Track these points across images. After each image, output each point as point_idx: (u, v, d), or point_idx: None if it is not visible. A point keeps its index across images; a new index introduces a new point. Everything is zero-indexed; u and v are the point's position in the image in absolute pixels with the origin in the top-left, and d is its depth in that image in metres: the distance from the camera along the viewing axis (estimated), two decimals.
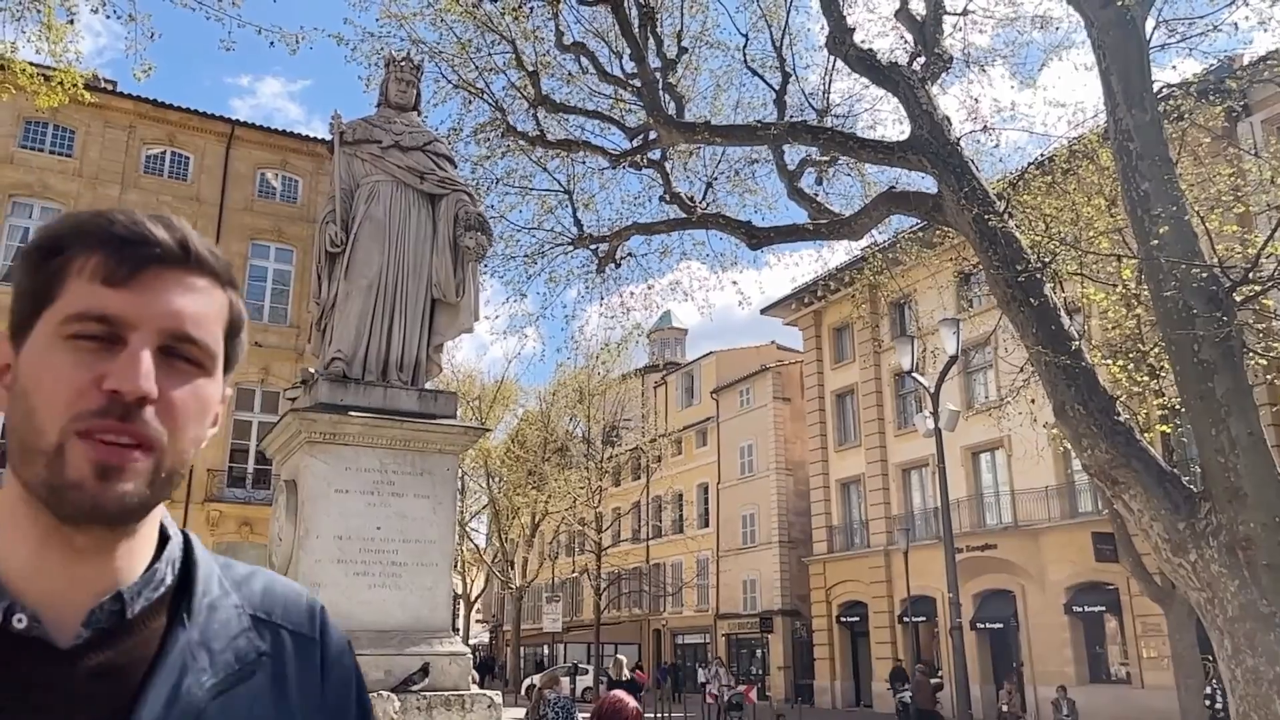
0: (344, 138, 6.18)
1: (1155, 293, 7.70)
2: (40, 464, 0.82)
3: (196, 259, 0.89)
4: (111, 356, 0.83)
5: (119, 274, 0.85)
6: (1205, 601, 7.44)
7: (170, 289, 0.87)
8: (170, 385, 0.85)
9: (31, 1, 9.94)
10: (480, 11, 12.58)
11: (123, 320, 0.84)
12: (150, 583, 0.89)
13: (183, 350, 0.87)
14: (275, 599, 0.98)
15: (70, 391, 0.82)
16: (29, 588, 0.84)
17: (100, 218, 0.88)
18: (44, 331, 0.85)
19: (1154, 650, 24.22)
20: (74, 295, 0.85)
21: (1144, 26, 8.07)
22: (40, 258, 0.87)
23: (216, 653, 0.88)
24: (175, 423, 0.85)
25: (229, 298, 0.93)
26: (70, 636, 0.83)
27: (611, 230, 14.49)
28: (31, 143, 26.28)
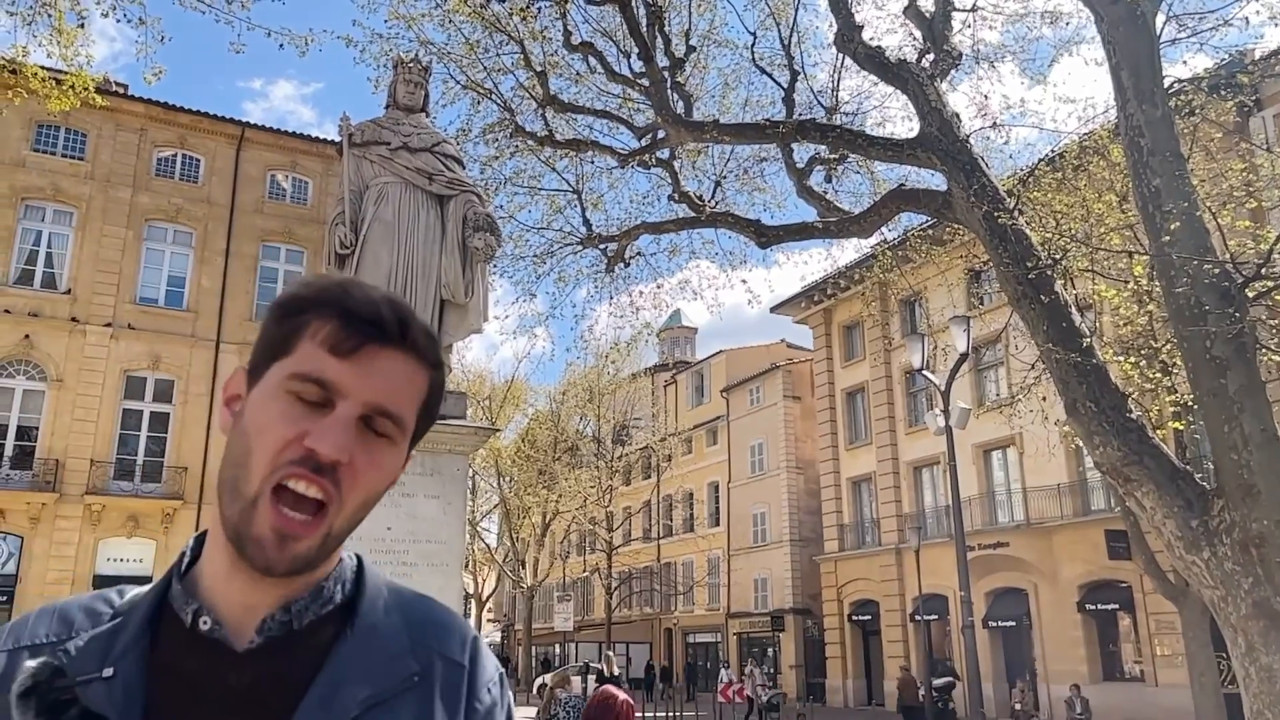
0: (352, 140, 6.19)
1: (1167, 289, 7.66)
2: (238, 506, 0.94)
3: (412, 342, 0.99)
4: (320, 417, 0.94)
5: (344, 346, 0.96)
6: (1218, 599, 7.41)
7: (383, 367, 0.97)
8: (359, 453, 0.95)
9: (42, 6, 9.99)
10: (488, 12, 12.58)
11: (337, 388, 0.95)
12: (318, 599, 0.99)
13: (377, 424, 0.97)
14: (433, 625, 1.05)
15: (280, 443, 0.93)
16: (217, 596, 0.97)
17: (340, 289, 0.99)
18: (273, 380, 0.97)
19: (1168, 648, 24.11)
20: (304, 355, 0.96)
21: (1154, 21, 8.03)
22: (284, 314, 0.99)
23: (373, 669, 0.97)
24: (355, 489, 0.95)
25: (432, 378, 1.03)
26: (245, 641, 0.95)
27: (620, 230, 14.50)
28: (44, 146, 26.43)
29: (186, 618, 0.95)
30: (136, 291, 26.75)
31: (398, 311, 0.98)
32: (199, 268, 27.53)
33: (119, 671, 0.91)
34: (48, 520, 24.23)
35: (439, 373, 1.04)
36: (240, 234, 28.12)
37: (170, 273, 27.41)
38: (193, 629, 0.95)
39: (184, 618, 0.96)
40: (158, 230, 27.50)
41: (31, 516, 24.07)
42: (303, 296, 0.99)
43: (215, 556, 0.98)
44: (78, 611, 0.98)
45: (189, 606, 0.96)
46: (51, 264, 26.02)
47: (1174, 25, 8.60)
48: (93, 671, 0.91)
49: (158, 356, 26.33)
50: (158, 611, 0.97)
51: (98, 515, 24.73)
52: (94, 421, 25.13)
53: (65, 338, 25.34)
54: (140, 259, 26.98)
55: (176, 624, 0.96)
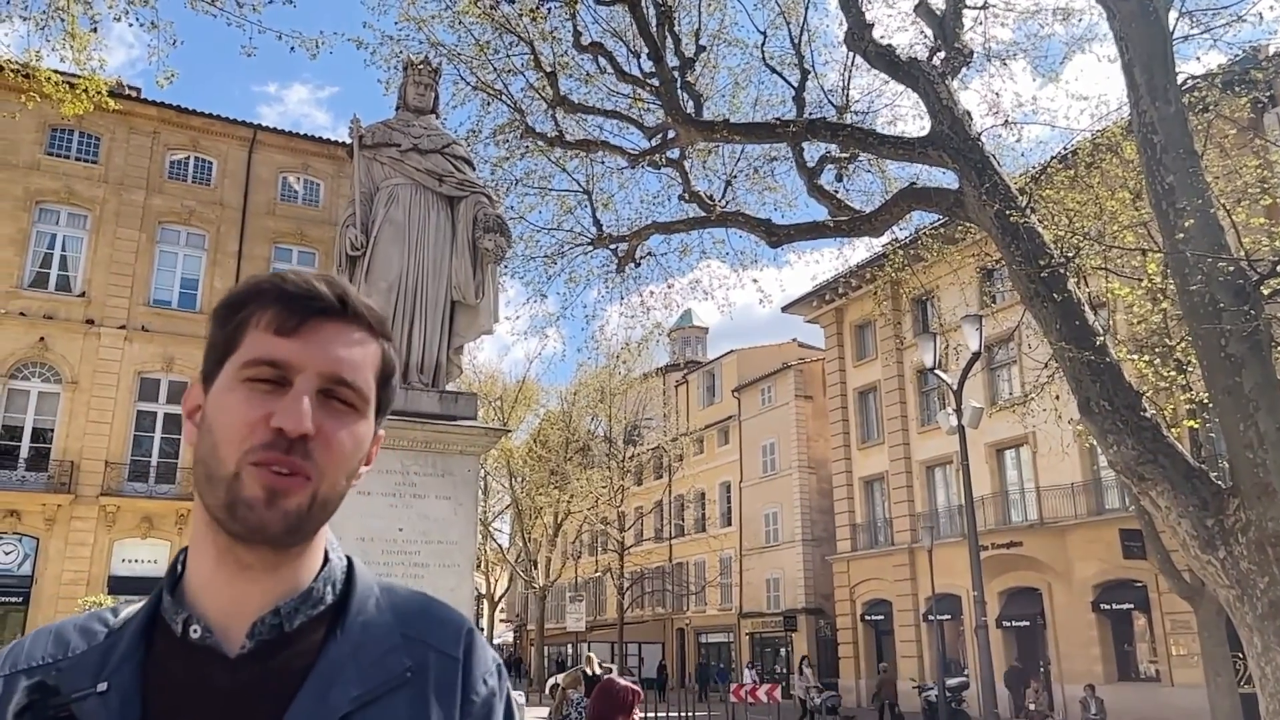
0: (363, 141, 6.21)
1: (1181, 287, 7.61)
2: (221, 488, 0.95)
3: (354, 311, 1.01)
4: (279, 397, 0.96)
5: (288, 325, 0.98)
6: (1235, 599, 7.36)
7: (330, 338, 0.99)
8: (327, 423, 0.97)
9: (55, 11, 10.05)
10: (498, 13, 12.60)
11: (289, 365, 0.97)
12: (308, 600, 1.00)
13: (339, 393, 0.99)
14: (429, 620, 1.05)
15: (245, 426, 0.95)
16: (205, 601, 0.98)
17: (275, 278, 1.02)
18: (226, 376, 0.99)
19: (1183, 648, 23.95)
20: (251, 344, 0.98)
21: (1167, 17, 7.98)
22: (226, 314, 1.01)
23: (364, 666, 0.97)
24: (331, 456, 0.97)
25: (381, 347, 1.05)
26: (236, 646, 0.96)
27: (631, 230, 14.49)
28: (58, 149, 26.61)
29: (177, 627, 0.97)
30: (150, 294, 26.92)
31: (334, 286, 1.01)
32: (212, 270, 27.68)
33: (113, 685, 0.92)
34: (63, 521, 24.40)
35: (388, 343, 1.05)
36: (252, 236, 28.27)
37: (183, 275, 27.58)
38: (184, 638, 0.96)
39: (175, 628, 0.97)
40: (171, 232, 27.67)
41: (47, 518, 24.24)
42: (239, 293, 1.01)
43: (199, 562, 1.00)
44: (73, 631, 0.99)
45: (179, 616, 0.97)
46: (66, 267, 26.21)
47: (1187, 21, 8.54)
48: (86, 688, 0.91)
49: (171, 358, 26.48)
50: (150, 625, 0.98)
51: (112, 516, 24.89)
52: (108, 423, 25.29)
53: (80, 340, 25.51)
54: (154, 261, 27.15)
55: (169, 635, 0.97)
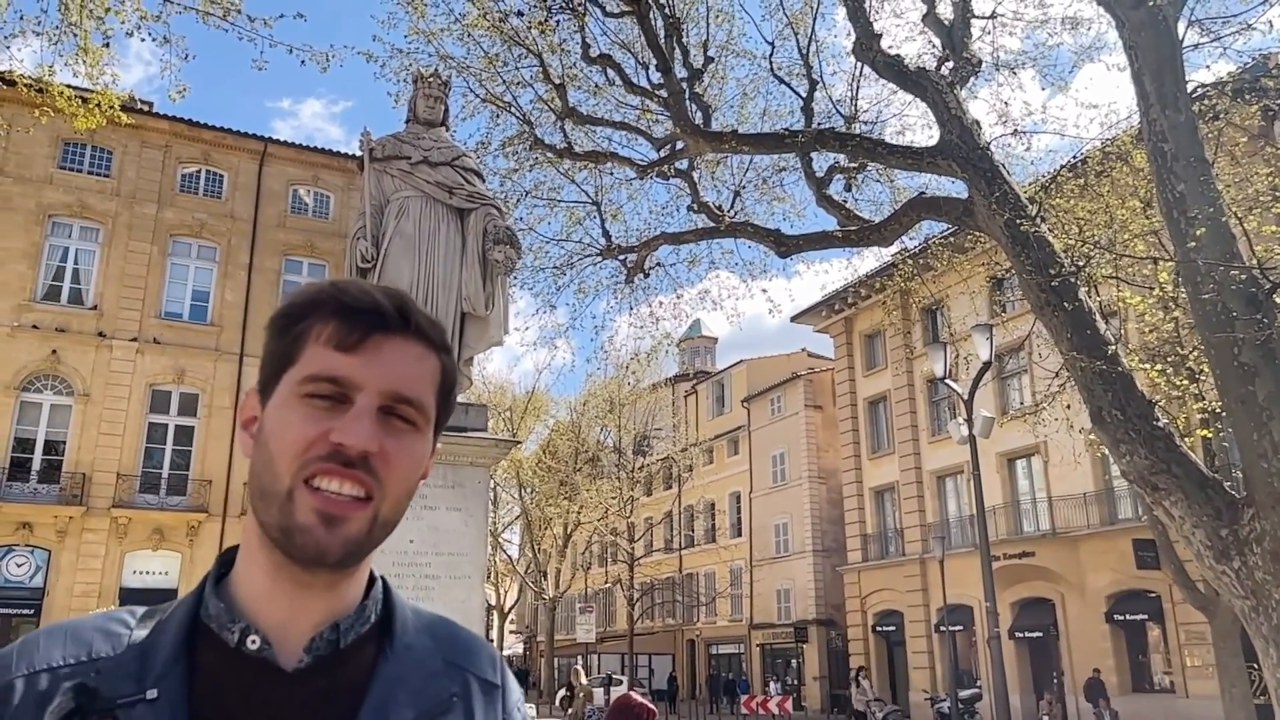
0: (373, 154, 6.24)
1: (1193, 295, 7.58)
2: (275, 506, 0.93)
3: (416, 327, 0.99)
4: (340, 414, 0.94)
5: (349, 340, 0.95)
6: (1249, 609, 7.30)
7: (392, 355, 0.97)
8: (388, 441, 0.94)
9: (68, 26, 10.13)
10: (507, 26, 12.65)
11: (350, 382, 0.94)
12: (361, 618, 0.99)
13: (401, 411, 0.96)
14: (462, 645, 1.07)
15: (303, 442, 0.93)
16: (260, 614, 0.95)
17: (334, 289, 0.99)
18: (284, 390, 0.97)
19: (1198, 659, 23.76)
20: (311, 358, 0.96)
21: (1176, 27, 7.96)
22: (284, 324, 0.99)
23: (415, 689, 0.97)
24: (392, 475, 0.95)
25: (441, 361, 1.02)
26: (294, 660, 0.94)
27: (640, 240, 14.50)
28: (70, 163, 26.81)
29: (232, 637, 0.93)
30: (161, 306, 27.05)
31: (396, 300, 0.98)
32: (223, 282, 27.82)
33: (162, 693, 0.88)
34: (75, 533, 24.49)
35: (449, 357, 1.03)
36: (263, 248, 28.40)
37: (194, 287, 27.72)
38: (238, 649, 0.93)
39: (227, 637, 0.93)
40: (182, 245, 27.82)
41: (59, 530, 24.33)
42: (298, 303, 0.99)
43: (253, 572, 0.97)
44: (92, 632, 0.95)
45: (235, 625, 0.94)
46: (78, 280, 26.37)
47: (1196, 30, 8.52)
48: (133, 693, 0.88)
49: (182, 370, 26.60)
50: (192, 629, 0.95)
51: (124, 528, 24.96)
52: (120, 435, 25.40)
53: (92, 353, 25.64)
54: (165, 274, 27.30)
55: (217, 644, 0.94)
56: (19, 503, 24.01)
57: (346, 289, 0.98)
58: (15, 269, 25.27)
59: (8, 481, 24.15)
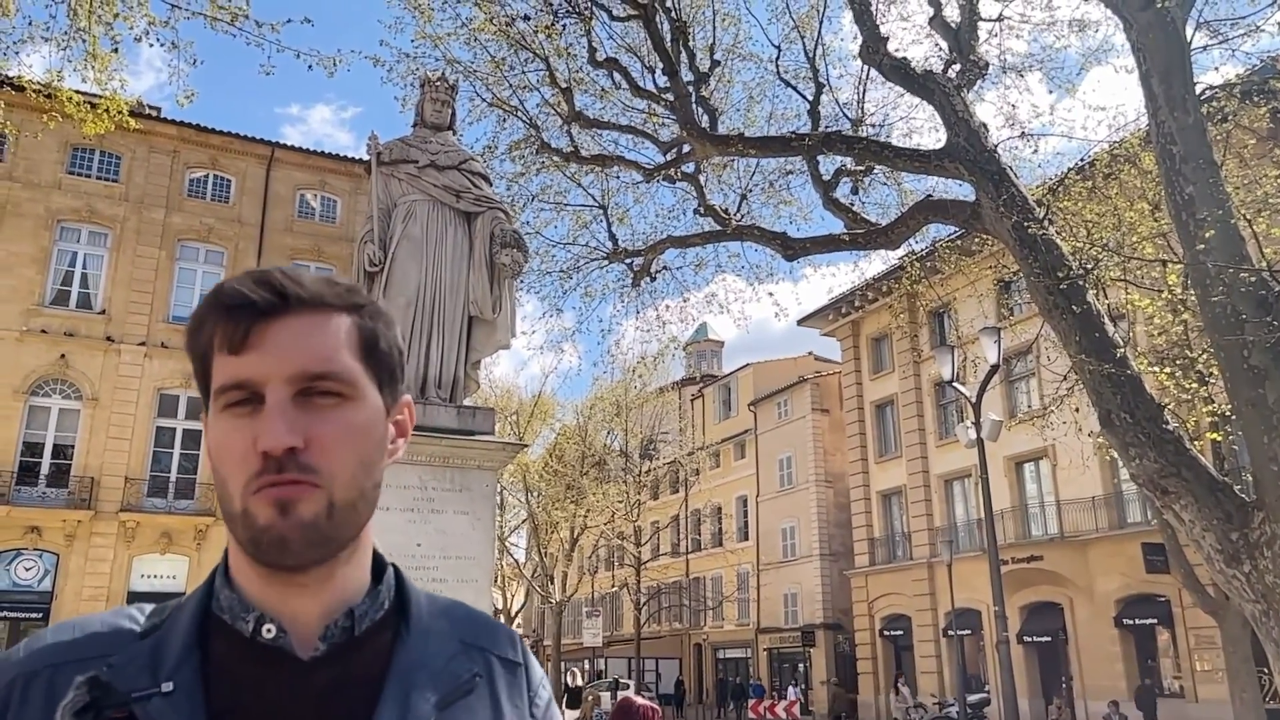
0: (381, 158, 6.25)
1: (1203, 298, 7.55)
2: (238, 524, 0.92)
3: (297, 300, 0.94)
4: (260, 417, 0.91)
5: (235, 340, 0.92)
6: (1260, 613, 7.26)
7: (280, 338, 0.93)
8: (314, 425, 0.91)
9: (77, 31, 10.18)
10: (513, 30, 12.68)
11: (252, 382, 0.92)
12: (375, 604, 0.98)
13: (319, 387, 0.93)
14: (479, 626, 1.06)
15: (237, 458, 0.91)
16: (273, 604, 0.94)
17: (214, 292, 0.95)
18: (212, 410, 0.95)
19: (1208, 663, 23.64)
20: (217, 370, 0.94)
21: (1184, 29, 7.94)
22: (191, 344, 0.97)
23: (435, 673, 0.96)
24: (330, 456, 0.92)
25: (351, 318, 0.97)
26: (309, 649, 0.92)
27: (646, 244, 14.51)
28: (79, 168, 26.91)
29: (247, 626, 0.92)
30: (169, 310, 27.13)
31: (265, 282, 0.93)
32: None
33: (179, 685, 0.87)
34: (83, 537, 24.55)
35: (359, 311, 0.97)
36: (270, 252, 28.47)
37: (202, 291, 27.67)
38: (252, 638, 0.92)
39: (241, 627, 0.92)
40: (190, 250, 27.91)
41: (67, 534, 24.39)
42: (195, 317, 0.96)
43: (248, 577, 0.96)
44: (100, 626, 0.94)
45: (249, 615, 0.93)
46: (86, 284, 26.47)
47: (1204, 32, 8.49)
48: (148, 686, 0.87)
49: (190, 374, 26.59)
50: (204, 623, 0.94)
51: (132, 532, 25.02)
52: (128, 439, 25.47)
53: (100, 357, 25.73)
54: (173, 278, 27.39)
55: (230, 634, 0.93)
56: (28, 507, 24.08)
57: (223, 289, 0.94)
58: (24, 274, 25.36)
59: (16, 485, 24.23)
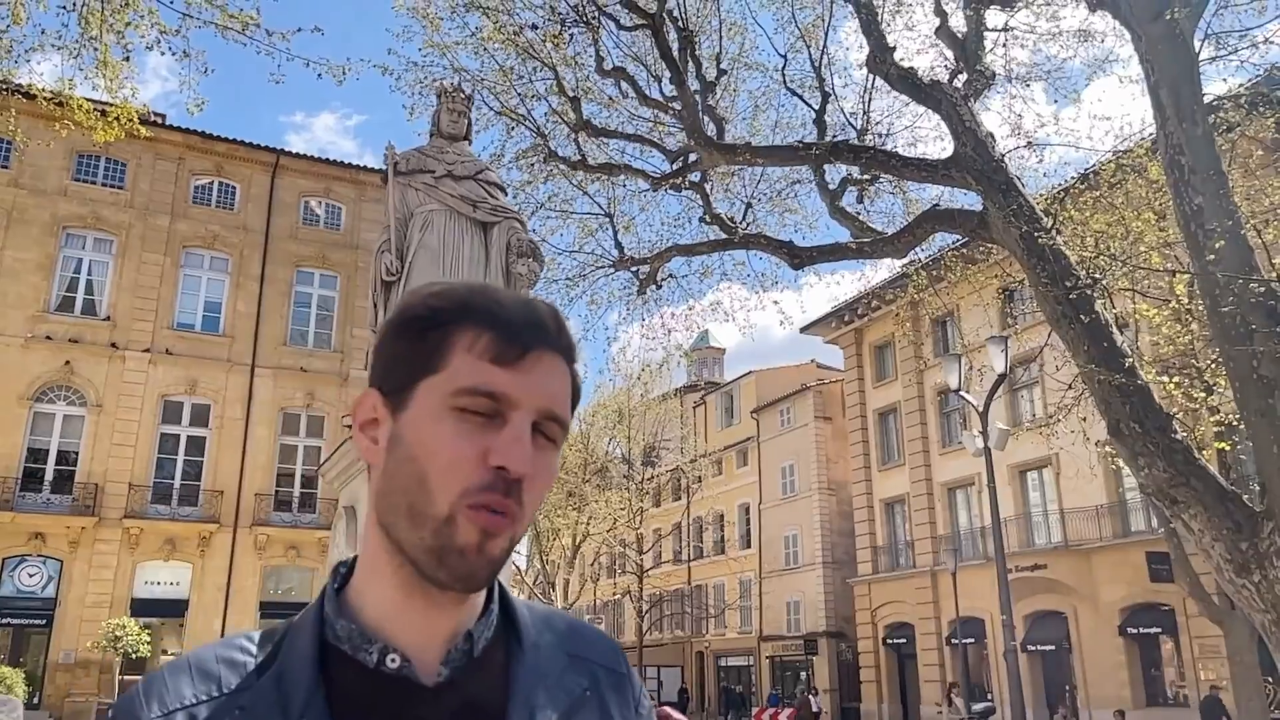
0: (397, 168, 6.29)
1: (1211, 308, 7.58)
2: (429, 528, 0.88)
3: (565, 346, 0.96)
4: (494, 431, 0.89)
5: (509, 355, 0.90)
6: (1270, 623, 7.27)
7: (547, 371, 0.93)
8: (535, 461, 0.91)
9: (88, 40, 10.22)
10: (521, 39, 12.74)
11: (509, 399, 0.90)
12: (488, 622, 0.97)
13: (547, 429, 0.93)
14: (584, 638, 1.05)
15: (461, 463, 0.88)
16: (393, 632, 0.92)
17: (487, 297, 0.94)
18: (431, 401, 0.91)
19: (1212, 672, 23.60)
20: (463, 369, 0.90)
21: (1193, 40, 7.98)
22: (423, 327, 0.93)
23: (550, 688, 0.96)
24: (535, 496, 0.92)
25: (570, 371, 0.98)
26: (432, 675, 0.91)
27: (652, 252, 14.53)
28: (84, 175, 27.02)
29: (370, 658, 0.91)
30: (174, 317, 27.21)
31: (551, 312, 0.95)
32: (235, 293, 27.96)
33: None
34: (87, 544, 24.57)
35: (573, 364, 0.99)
36: (275, 259, 28.55)
37: (207, 298, 27.87)
38: (376, 669, 0.90)
39: (365, 658, 0.91)
40: (195, 257, 27.99)
41: (71, 540, 24.41)
42: (441, 308, 0.93)
43: (383, 591, 0.94)
44: (218, 664, 0.92)
45: (372, 646, 0.91)
46: (92, 291, 26.54)
47: (1212, 44, 8.53)
48: None
49: (194, 381, 26.71)
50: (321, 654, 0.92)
51: (136, 539, 25.04)
52: (132, 446, 25.51)
53: (105, 363, 25.79)
54: (178, 285, 27.47)
55: (352, 665, 0.91)
56: (32, 513, 24.11)
57: (500, 298, 0.94)
58: (30, 280, 25.44)
59: (21, 492, 24.26)
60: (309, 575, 27.02)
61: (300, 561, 27.03)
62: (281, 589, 27.02)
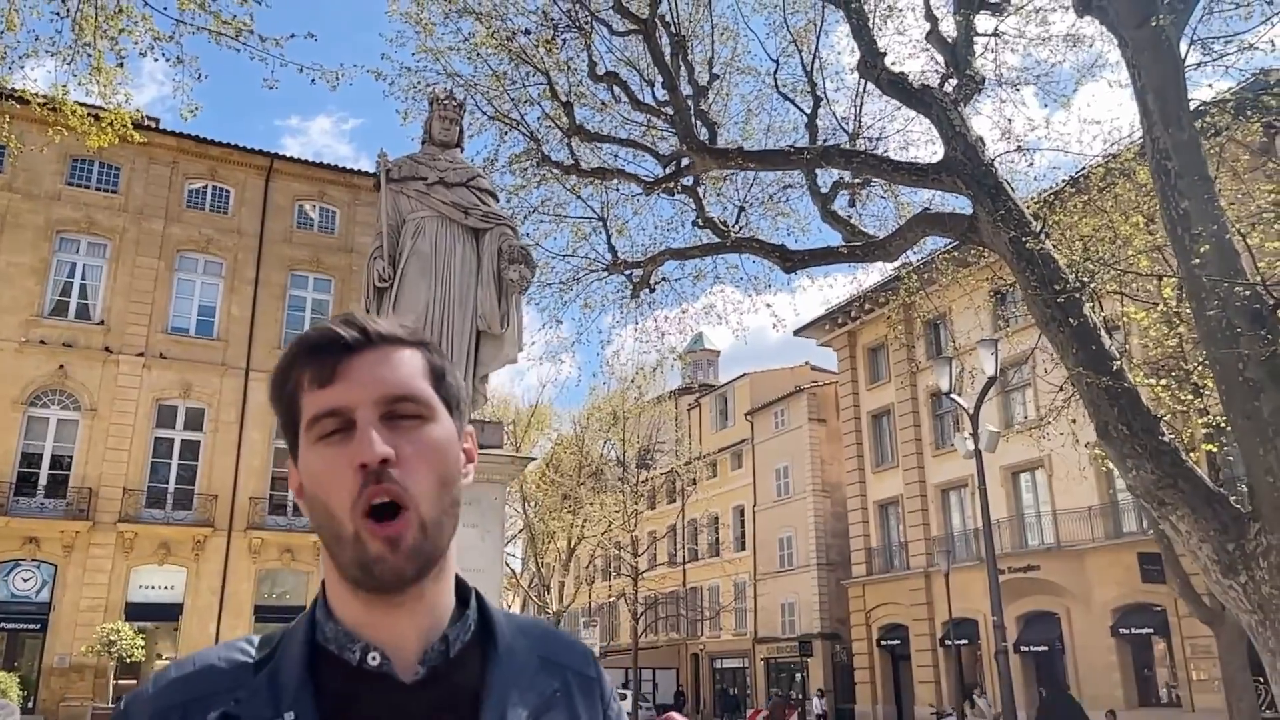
0: (390, 175, 6.34)
1: (1198, 312, 7.65)
2: (348, 549, 0.98)
3: (378, 337, 1.05)
4: (352, 441, 0.99)
5: (325, 374, 1.02)
6: (1256, 623, 7.34)
7: (365, 367, 1.02)
8: (402, 443, 0.99)
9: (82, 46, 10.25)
10: (514, 45, 12.79)
11: (344, 408, 1.00)
12: (464, 626, 1.05)
13: (400, 410, 1.02)
14: (557, 644, 1.13)
15: (340, 482, 0.98)
16: (370, 634, 1.00)
17: (299, 341, 1.06)
18: (306, 444, 1.02)
19: (1204, 672, 23.72)
20: (307, 405, 1.02)
21: (1178, 46, 8.05)
22: (277, 393, 1.06)
23: (523, 689, 1.03)
24: (418, 472, 0.99)
25: (421, 352, 1.07)
26: (411, 672, 0.99)
27: (645, 256, 14.58)
28: (78, 179, 26.99)
29: (354, 656, 0.99)
30: (168, 321, 27.19)
31: (352, 324, 1.04)
32: (229, 297, 27.95)
33: (299, 715, 0.95)
34: (81, 548, 24.54)
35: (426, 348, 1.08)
36: (269, 263, 28.54)
37: (201, 302, 27.86)
38: (359, 667, 0.99)
39: (349, 657, 0.99)
40: (189, 261, 27.98)
41: (65, 544, 24.38)
42: (279, 369, 1.06)
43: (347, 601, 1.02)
44: (219, 661, 1.01)
45: (355, 645, 1.00)
46: (85, 295, 26.52)
47: (1198, 50, 8.61)
48: (271, 718, 0.94)
49: (189, 385, 26.69)
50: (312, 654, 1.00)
51: (130, 543, 25.01)
52: (126, 450, 25.48)
53: (99, 367, 25.76)
54: (172, 289, 27.46)
55: (338, 664, 1.00)
56: (26, 517, 24.08)
57: (308, 336, 1.05)
58: (23, 284, 25.42)
59: (15, 496, 24.23)
60: (304, 579, 27.01)
61: (295, 565, 27.01)
62: (276, 593, 27.00)
